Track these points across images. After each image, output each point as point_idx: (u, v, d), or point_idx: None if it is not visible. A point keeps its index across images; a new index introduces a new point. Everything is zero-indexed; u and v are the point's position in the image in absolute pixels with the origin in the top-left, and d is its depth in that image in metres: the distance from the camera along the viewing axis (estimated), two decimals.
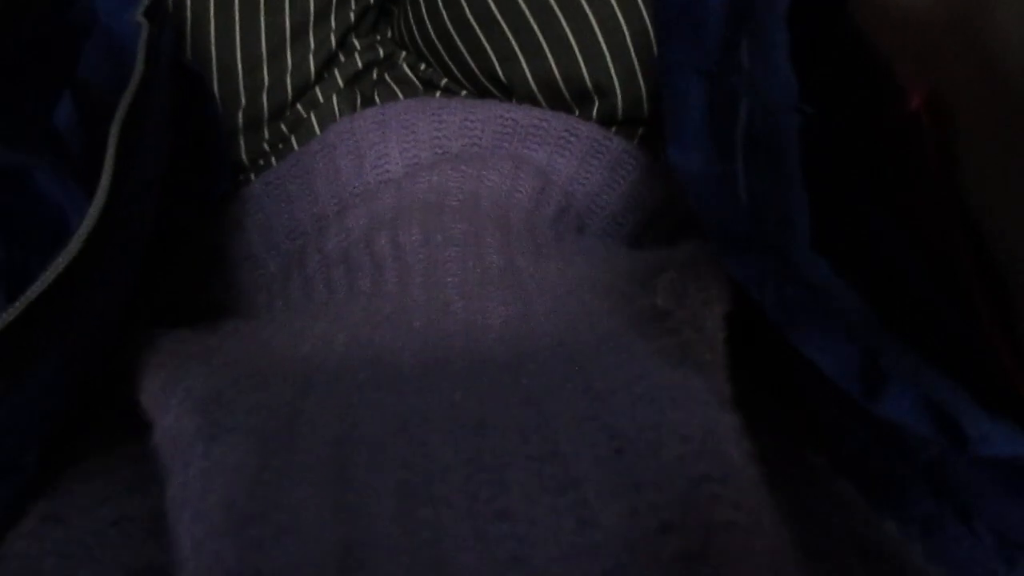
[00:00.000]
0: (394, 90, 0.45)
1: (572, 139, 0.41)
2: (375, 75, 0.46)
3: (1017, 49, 0.15)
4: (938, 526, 0.24)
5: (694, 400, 0.20)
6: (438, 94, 0.45)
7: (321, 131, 0.43)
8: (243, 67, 0.42)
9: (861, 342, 0.21)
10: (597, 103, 0.41)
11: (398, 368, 0.25)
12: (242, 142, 0.42)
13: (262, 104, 0.42)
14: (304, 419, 0.22)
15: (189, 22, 0.41)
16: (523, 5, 0.40)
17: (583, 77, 0.40)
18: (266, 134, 0.42)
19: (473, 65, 0.43)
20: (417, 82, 0.46)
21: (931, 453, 0.23)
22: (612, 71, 0.40)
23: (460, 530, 0.18)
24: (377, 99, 0.45)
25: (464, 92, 0.45)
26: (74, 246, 0.22)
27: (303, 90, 0.43)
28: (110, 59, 0.29)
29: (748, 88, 0.23)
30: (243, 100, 0.42)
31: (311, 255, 0.37)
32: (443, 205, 0.36)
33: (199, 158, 0.39)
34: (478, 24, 0.42)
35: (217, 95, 0.42)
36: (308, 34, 0.43)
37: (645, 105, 0.41)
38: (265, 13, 0.42)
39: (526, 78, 0.41)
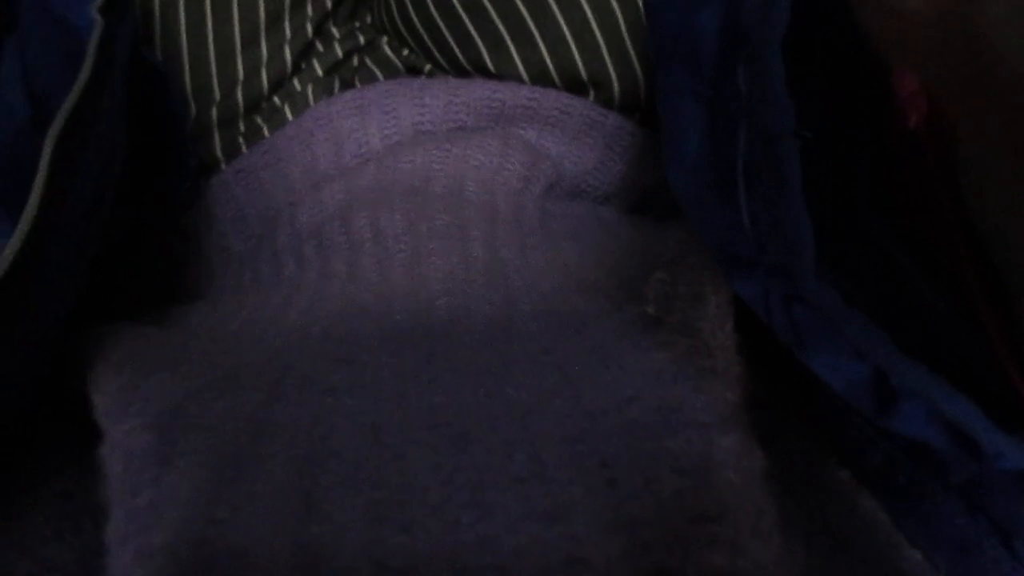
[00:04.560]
0: (376, 74, 0.43)
1: (564, 117, 0.40)
2: (355, 62, 0.43)
3: (1013, 47, 0.15)
4: (974, 547, 0.23)
5: (690, 424, 0.20)
6: (423, 77, 0.43)
7: (295, 119, 0.40)
8: (216, 60, 0.40)
9: (871, 360, 0.21)
10: (592, 93, 0.40)
11: (375, 370, 0.24)
12: (217, 137, 0.40)
13: (237, 98, 0.40)
14: (271, 432, 0.21)
15: (158, 13, 0.39)
16: None
17: (578, 68, 0.39)
18: (241, 127, 0.40)
19: (460, 54, 0.41)
20: (400, 66, 0.44)
21: (967, 472, 0.23)
22: (608, 61, 0.38)
23: (437, 562, 0.17)
24: (358, 84, 0.43)
25: (449, 76, 0.43)
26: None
27: (279, 82, 0.41)
28: (64, 53, 0.27)
29: (746, 114, 0.23)
30: (217, 94, 0.40)
31: (282, 227, 0.36)
32: (427, 191, 0.35)
33: (160, 157, 0.37)
34: (465, 10, 0.40)
35: (189, 90, 0.40)
36: (283, 23, 0.41)
37: (642, 93, 0.39)
38: (238, 3, 0.40)
39: (517, 68, 0.39)
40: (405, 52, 0.44)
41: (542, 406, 0.21)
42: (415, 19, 0.42)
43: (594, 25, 0.38)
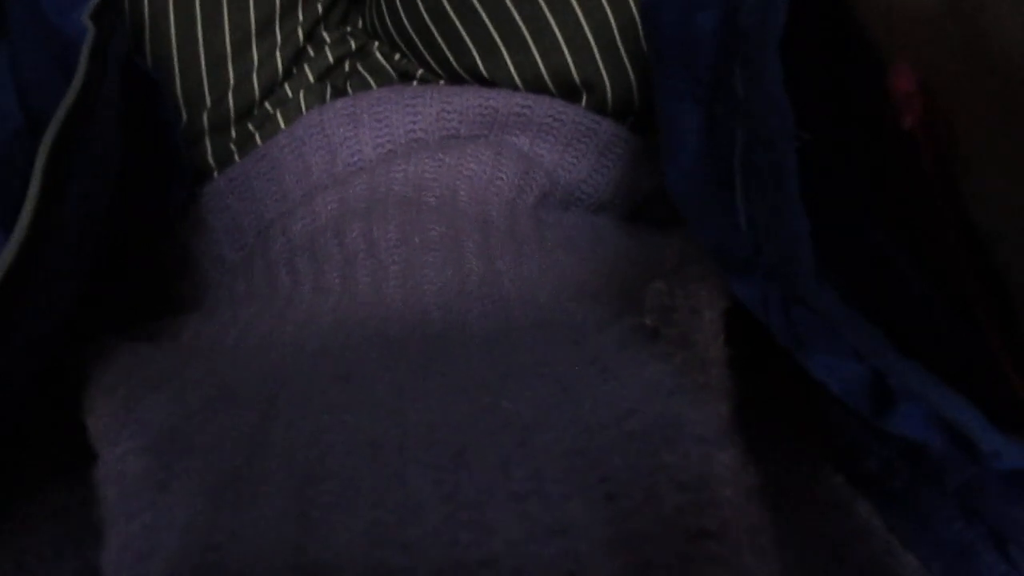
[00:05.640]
0: (367, 80, 0.43)
1: (556, 124, 0.40)
2: (347, 67, 0.43)
3: (1014, 45, 0.15)
4: (969, 552, 0.23)
5: (689, 438, 0.19)
6: (414, 84, 0.43)
7: (287, 126, 0.40)
8: (207, 66, 0.39)
9: (868, 362, 0.21)
10: (585, 97, 0.39)
11: (372, 386, 0.24)
12: (208, 145, 0.40)
13: (228, 105, 0.40)
14: (267, 452, 0.20)
15: (147, 20, 0.39)
16: None
17: (570, 72, 0.39)
18: (233, 134, 0.40)
19: (452, 59, 0.41)
20: (392, 71, 0.44)
21: (963, 476, 0.22)
22: (601, 65, 0.38)
23: None
24: (349, 90, 0.43)
25: (441, 82, 0.43)
26: None
27: (271, 88, 0.41)
28: (55, 60, 0.27)
29: (743, 117, 0.23)
30: (208, 101, 0.39)
31: (275, 238, 0.36)
32: (420, 202, 0.34)
33: (155, 165, 0.37)
34: (457, 15, 0.39)
35: (180, 97, 0.39)
36: (274, 29, 0.41)
37: (635, 97, 0.39)
38: (228, 9, 0.39)
39: (510, 72, 0.39)
40: (396, 57, 0.44)
41: (540, 420, 0.21)
42: (407, 24, 0.42)
43: (587, 29, 0.38)
